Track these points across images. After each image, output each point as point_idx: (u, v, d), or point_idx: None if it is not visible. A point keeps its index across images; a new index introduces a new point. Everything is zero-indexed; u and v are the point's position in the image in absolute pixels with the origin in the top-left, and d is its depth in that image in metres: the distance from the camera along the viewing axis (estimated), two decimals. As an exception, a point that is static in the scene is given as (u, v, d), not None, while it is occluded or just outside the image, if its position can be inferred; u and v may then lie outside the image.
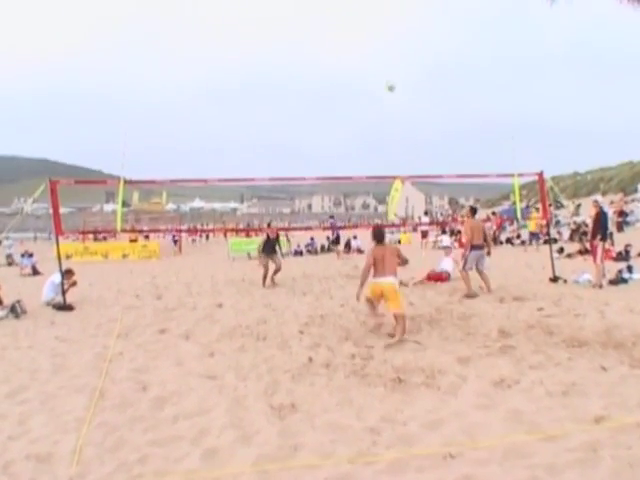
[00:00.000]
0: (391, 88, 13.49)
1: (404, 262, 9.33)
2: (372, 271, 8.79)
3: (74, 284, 13.44)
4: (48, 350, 8.44)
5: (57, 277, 12.89)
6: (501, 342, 7.78)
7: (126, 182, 12.19)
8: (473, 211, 13.64)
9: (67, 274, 12.97)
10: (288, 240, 30.49)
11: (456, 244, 31.30)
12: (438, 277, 14.89)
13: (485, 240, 12.97)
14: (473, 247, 12.72)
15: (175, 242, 37.44)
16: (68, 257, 30.39)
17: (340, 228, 34.03)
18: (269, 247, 15.74)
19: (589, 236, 14.41)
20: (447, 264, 15.37)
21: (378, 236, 9.17)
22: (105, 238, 36.10)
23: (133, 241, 33.89)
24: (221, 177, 14.59)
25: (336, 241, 29.74)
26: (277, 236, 16.16)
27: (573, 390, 5.71)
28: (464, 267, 12.67)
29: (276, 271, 15.73)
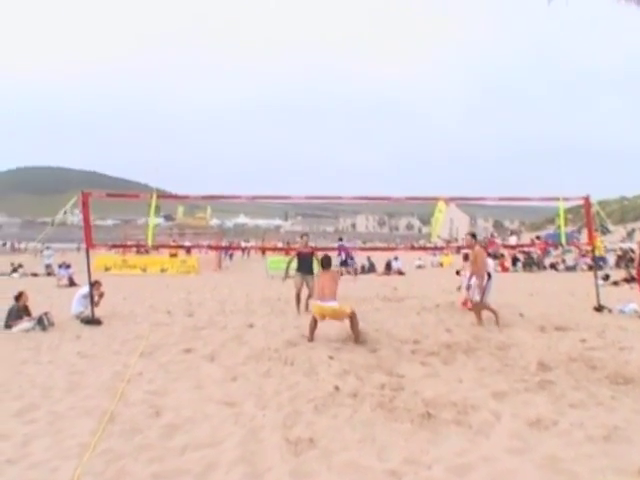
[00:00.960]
0: None
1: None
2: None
3: (102, 295, 13.27)
4: (67, 366, 8.20)
5: (85, 289, 12.73)
6: (540, 376, 7.27)
7: (159, 196, 11.98)
8: (475, 237, 12.62)
9: (95, 285, 12.80)
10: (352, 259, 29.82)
11: (499, 268, 30.75)
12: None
13: None
14: (489, 275, 11.94)
15: (230, 257, 37.66)
16: (107, 269, 30.56)
17: (367, 249, 33.56)
18: (306, 266, 14.08)
19: (636, 263, 13.81)
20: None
21: (324, 262, 10.66)
22: (147, 251, 36.11)
23: (173, 256, 33.88)
24: (255, 194, 14.30)
25: (345, 263, 28.82)
26: (312, 253, 14.35)
27: (616, 435, 5.17)
28: (482, 299, 11.69)
29: (310, 296, 13.80)
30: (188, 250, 36.37)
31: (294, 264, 14.29)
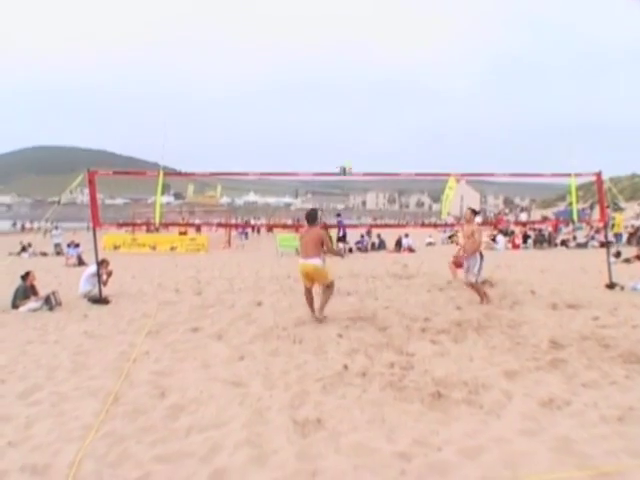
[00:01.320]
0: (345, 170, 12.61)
1: (331, 251, 9.94)
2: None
3: (110, 274, 13.21)
4: (73, 346, 8.13)
5: (93, 268, 12.66)
6: (552, 354, 7.10)
7: (166, 174, 11.85)
8: (475, 213, 12.31)
9: (102, 264, 12.73)
10: (344, 239, 29.43)
11: (509, 245, 30.56)
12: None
13: None
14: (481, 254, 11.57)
15: (245, 236, 37.57)
16: (116, 248, 30.58)
17: (375, 226, 33.32)
18: None
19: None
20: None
21: (308, 217, 9.80)
22: (157, 230, 36.04)
23: (183, 234, 33.80)
24: (263, 171, 14.08)
25: (343, 239, 28.50)
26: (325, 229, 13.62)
27: (630, 416, 5.01)
28: (477, 278, 11.39)
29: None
30: (198, 228, 36.28)
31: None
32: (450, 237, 35.04)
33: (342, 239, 28.36)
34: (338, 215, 35.09)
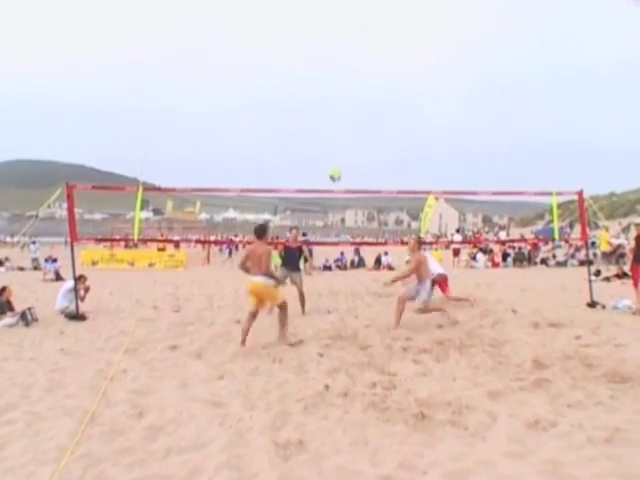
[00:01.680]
0: (334, 177, 12.48)
1: (269, 272, 9.32)
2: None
3: (87, 290, 13.04)
4: (50, 364, 7.97)
5: (70, 284, 12.50)
6: (536, 374, 7.03)
7: (145, 189, 11.74)
8: (420, 243, 11.89)
9: (80, 279, 12.55)
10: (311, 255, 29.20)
11: (489, 264, 30.65)
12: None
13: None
14: (433, 282, 11.39)
15: (230, 253, 37.25)
16: (94, 263, 30.29)
17: (355, 244, 33.26)
18: (292, 261, 12.80)
19: (630, 259, 13.64)
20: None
21: (257, 231, 9.42)
22: (136, 245, 35.80)
23: (161, 250, 33.59)
24: (244, 187, 13.95)
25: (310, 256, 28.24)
26: (300, 248, 13.20)
27: (618, 437, 4.93)
28: (427, 302, 10.93)
29: (300, 297, 12.58)
30: (177, 244, 36.06)
31: (277, 259, 13.78)
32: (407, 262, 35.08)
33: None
34: (304, 234, 35.26)
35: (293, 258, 12.74)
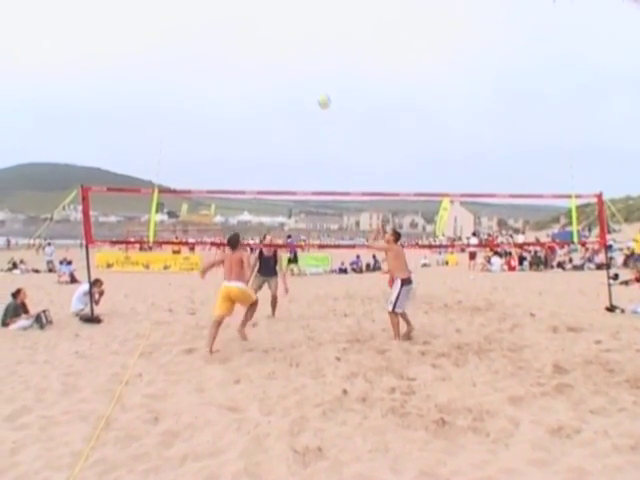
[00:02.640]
0: (324, 103, 12.15)
1: (246, 276, 9.62)
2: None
3: (102, 294, 12.98)
4: (64, 367, 7.88)
5: (85, 287, 12.45)
6: (557, 379, 6.91)
7: (160, 191, 11.68)
8: (397, 236, 10.50)
9: (95, 283, 12.50)
10: (295, 261, 28.99)
11: (506, 267, 30.42)
12: None
13: None
14: (404, 282, 9.79)
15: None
16: (109, 266, 30.29)
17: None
18: (268, 267, 12.50)
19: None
20: None
21: (230, 242, 9.78)
22: (150, 248, 35.82)
23: (176, 252, 33.60)
24: (259, 190, 13.88)
25: (294, 260, 28.45)
26: (275, 253, 12.72)
27: (643, 444, 4.80)
28: (394, 308, 9.73)
29: (273, 301, 12.51)
30: (192, 247, 36.05)
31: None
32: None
33: (293, 261, 28.40)
34: (288, 237, 35.30)
35: (269, 264, 12.55)
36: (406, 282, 9.84)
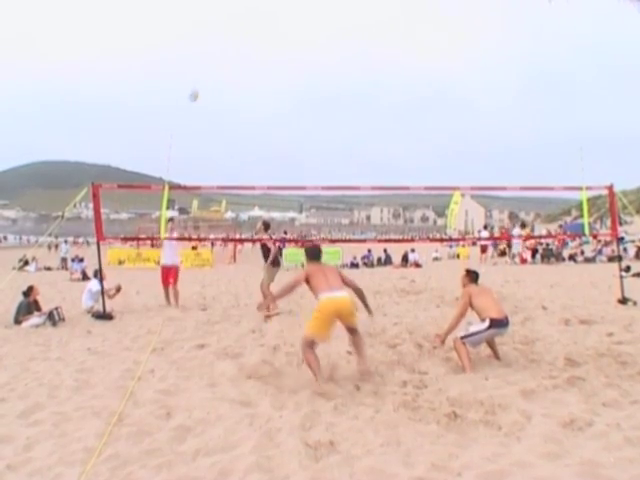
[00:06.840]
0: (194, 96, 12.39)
1: (355, 288, 7.63)
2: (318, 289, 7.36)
3: (119, 289, 13.07)
4: (76, 363, 7.92)
5: (95, 284, 12.49)
6: (569, 372, 6.88)
7: (171, 188, 11.71)
8: (471, 276, 8.18)
9: (97, 275, 12.58)
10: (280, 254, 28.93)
11: (517, 260, 30.33)
12: None
13: None
14: (494, 322, 7.35)
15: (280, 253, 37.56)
16: (121, 263, 30.36)
17: (384, 241, 33.25)
18: (264, 258, 12.93)
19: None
20: None
21: (311, 254, 7.81)
22: (162, 245, 35.79)
23: (194, 248, 33.54)
24: (270, 185, 13.90)
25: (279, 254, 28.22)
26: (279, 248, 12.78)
27: (657, 438, 4.78)
28: (464, 338, 7.46)
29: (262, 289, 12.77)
30: (212, 243, 36.11)
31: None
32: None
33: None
34: (285, 233, 35.47)
35: (264, 256, 12.94)
36: (497, 323, 7.44)
